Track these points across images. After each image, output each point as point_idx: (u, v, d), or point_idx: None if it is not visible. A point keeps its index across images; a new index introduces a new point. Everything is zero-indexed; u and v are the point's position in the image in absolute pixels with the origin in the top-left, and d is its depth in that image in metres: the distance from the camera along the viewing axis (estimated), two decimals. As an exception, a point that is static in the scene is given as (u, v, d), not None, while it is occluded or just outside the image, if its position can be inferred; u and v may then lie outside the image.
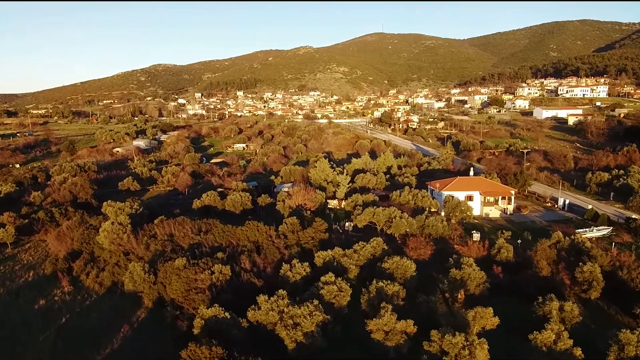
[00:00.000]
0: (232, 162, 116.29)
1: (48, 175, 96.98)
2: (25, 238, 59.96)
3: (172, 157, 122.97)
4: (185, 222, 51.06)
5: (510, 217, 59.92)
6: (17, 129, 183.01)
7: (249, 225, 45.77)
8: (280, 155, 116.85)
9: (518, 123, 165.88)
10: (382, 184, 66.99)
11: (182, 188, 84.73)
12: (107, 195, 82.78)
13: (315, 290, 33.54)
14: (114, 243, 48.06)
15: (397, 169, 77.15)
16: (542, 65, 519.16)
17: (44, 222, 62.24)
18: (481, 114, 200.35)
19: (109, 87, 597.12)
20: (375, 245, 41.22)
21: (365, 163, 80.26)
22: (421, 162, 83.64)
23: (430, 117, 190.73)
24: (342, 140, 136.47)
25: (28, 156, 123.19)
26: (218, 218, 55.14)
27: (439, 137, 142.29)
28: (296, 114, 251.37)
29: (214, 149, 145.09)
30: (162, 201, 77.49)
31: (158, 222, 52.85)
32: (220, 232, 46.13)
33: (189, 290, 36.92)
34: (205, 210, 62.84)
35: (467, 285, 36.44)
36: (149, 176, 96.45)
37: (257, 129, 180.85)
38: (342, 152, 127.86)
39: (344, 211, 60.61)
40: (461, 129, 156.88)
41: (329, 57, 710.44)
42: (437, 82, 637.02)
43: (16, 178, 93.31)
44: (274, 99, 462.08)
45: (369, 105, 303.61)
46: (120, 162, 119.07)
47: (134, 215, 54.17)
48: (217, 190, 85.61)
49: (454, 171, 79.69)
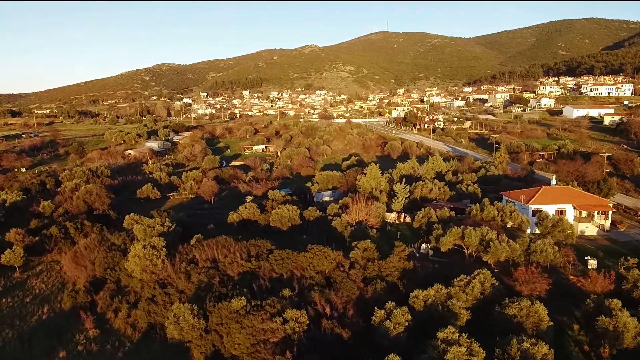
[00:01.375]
0: (254, 165, 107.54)
1: (57, 181, 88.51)
2: (36, 258, 51.43)
3: (189, 160, 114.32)
4: (229, 244, 42.32)
5: (609, 235, 50.99)
6: (22, 129, 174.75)
7: (315, 251, 36.96)
8: (306, 158, 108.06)
9: (552, 123, 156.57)
10: (446, 194, 58.01)
11: (208, 196, 76.08)
12: (124, 205, 74.41)
13: (435, 354, 24.69)
14: (146, 271, 39.38)
15: (451, 175, 68.31)
16: (553, 63, 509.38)
17: (57, 239, 53.74)
18: (506, 113, 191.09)
19: (113, 87, 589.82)
20: (483, 280, 32.37)
21: (414, 168, 71.46)
22: (474, 167, 74.88)
23: (453, 116, 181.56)
24: (369, 142, 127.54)
25: (34, 159, 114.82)
26: (260, 235, 46.62)
27: (472, 138, 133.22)
28: (310, 113, 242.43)
29: (230, 151, 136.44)
30: (188, 212, 68.83)
31: (196, 243, 44.19)
32: (279, 259, 37.34)
33: (256, 345, 28.21)
34: (244, 225, 54.14)
35: (623, 337, 27.57)
36: (168, 182, 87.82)
37: (272, 129, 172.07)
38: (370, 154, 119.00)
39: (407, 227, 51.85)
40: (492, 129, 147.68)
41: (334, 56, 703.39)
42: (445, 81, 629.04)
43: (23, 184, 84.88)
44: (280, 99, 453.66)
45: (381, 104, 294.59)
46: (134, 166, 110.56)
47: (165, 234, 45.46)
48: (247, 198, 77.11)
49: (514, 177, 70.78)
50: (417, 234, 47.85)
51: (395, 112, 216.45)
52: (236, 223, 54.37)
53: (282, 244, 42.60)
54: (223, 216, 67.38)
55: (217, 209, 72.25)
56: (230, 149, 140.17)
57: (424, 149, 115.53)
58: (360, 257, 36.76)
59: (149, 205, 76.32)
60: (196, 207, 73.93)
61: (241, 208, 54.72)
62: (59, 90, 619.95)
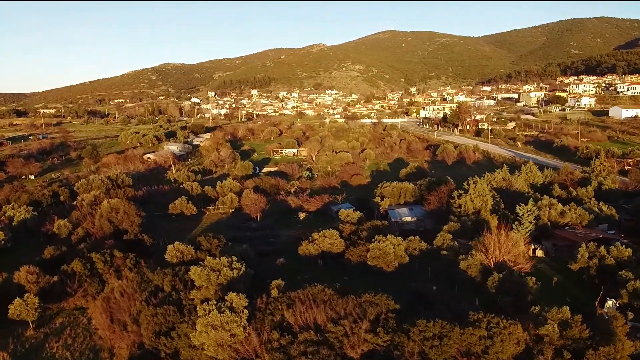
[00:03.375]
0: (291, 172, 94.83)
1: (72, 192, 76.14)
2: (54, 306, 38.96)
3: (217, 165, 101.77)
4: (333, 300, 29.62)
5: None
6: (29, 130, 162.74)
7: (490, 324, 24.09)
8: (351, 164, 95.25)
9: (603, 124, 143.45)
10: (584, 218, 44.70)
11: (253, 212, 63.49)
12: (153, 222, 62.02)
13: None
14: (223, 346, 26.74)
15: (559, 190, 55.34)
16: (570, 62, 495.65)
17: (81, 277, 41.30)
18: (547, 113, 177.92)
19: (119, 86, 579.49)
20: None
21: (507, 180, 58.69)
22: (575, 178, 62.11)
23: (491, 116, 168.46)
24: (415, 145, 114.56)
25: (44, 164, 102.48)
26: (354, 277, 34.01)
27: (527, 140, 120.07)
28: (331, 113, 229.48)
29: (258, 155, 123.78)
30: (234, 233, 56.36)
31: (281, 295, 31.58)
32: (430, 335, 24.52)
33: None
34: (322, 258, 41.46)
35: None
36: (201, 192, 75.29)
37: (297, 130, 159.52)
38: (418, 159, 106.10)
39: (546, 265, 38.94)
40: (543, 130, 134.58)
41: (343, 55, 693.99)
42: (457, 80, 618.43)
43: (32, 196, 72.46)
44: (290, 98, 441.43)
45: (402, 103, 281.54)
46: (156, 172, 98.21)
47: (236, 281, 32.85)
48: (299, 215, 64.57)
49: (633, 192, 57.92)
50: (578, 281, 35.02)
51: (424, 112, 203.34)
52: (312, 256, 41.68)
53: (394, 296, 30.03)
54: (280, 240, 55.18)
55: (268, 229, 59.78)
56: (256, 152, 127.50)
57: (480, 153, 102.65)
58: (555, 334, 23.94)
59: (183, 223, 64.07)
60: (241, 226, 61.41)
61: (317, 237, 41.97)
62: (64, 89, 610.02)
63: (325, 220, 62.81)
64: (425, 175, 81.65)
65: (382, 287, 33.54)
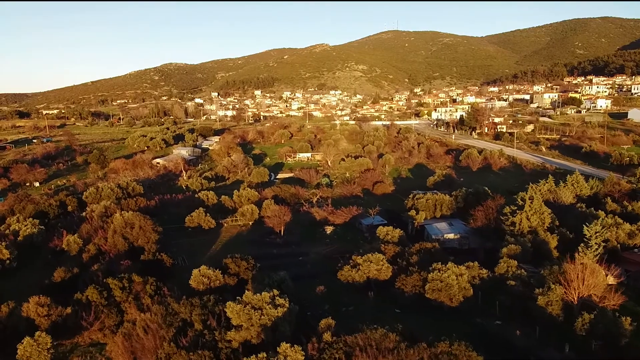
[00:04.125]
0: (308, 179, 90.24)
1: (81, 201, 71.72)
2: (67, 342, 34.52)
3: (230, 171, 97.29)
4: (402, 350, 25.04)
5: None
6: (32, 132, 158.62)
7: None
8: (372, 171, 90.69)
9: (626, 127, 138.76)
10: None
11: (276, 225, 58.93)
12: (168, 237, 57.55)
13: None
14: (277, 411, 22.25)
15: (613, 203, 50.64)
16: (577, 62, 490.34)
17: (98, 305, 36.88)
18: (563, 116, 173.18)
19: (122, 87, 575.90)
20: None
21: (553, 192, 53.88)
22: (623, 189, 57.51)
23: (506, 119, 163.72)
24: (434, 149, 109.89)
25: (49, 170, 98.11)
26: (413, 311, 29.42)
27: (552, 145, 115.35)
28: (339, 115, 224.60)
29: (270, 160, 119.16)
30: (258, 250, 51.91)
31: (336, 340, 27.04)
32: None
33: None
34: (370, 287, 36.90)
35: None
36: (216, 202, 70.72)
37: (308, 133, 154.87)
38: (439, 164, 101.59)
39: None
40: (564, 134, 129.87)
41: (346, 55, 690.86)
42: (462, 81, 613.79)
43: (38, 206, 68.11)
44: (294, 98, 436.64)
45: (410, 104, 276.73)
46: (167, 179, 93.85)
47: (280, 322, 28.28)
48: (326, 228, 60.10)
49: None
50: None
51: (435, 114, 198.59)
52: (356, 282, 37.14)
53: (466, 339, 25.54)
54: (309, 258, 50.77)
55: (294, 245, 55.28)
56: (268, 156, 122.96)
57: (505, 158, 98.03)
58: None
59: (200, 237, 59.58)
60: (264, 241, 56.89)
61: (361, 261, 37.39)
62: (66, 89, 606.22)
63: (354, 235, 58.41)
64: (454, 183, 77.15)
65: (445, 328, 29.03)
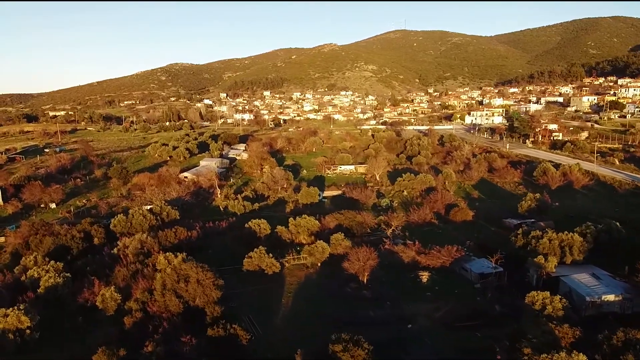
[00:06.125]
0: (364, 199, 78.28)
1: (108, 230, 59.99)
2: None
3: (270, 188, 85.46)
4: None
5: None
6: (42, 138, 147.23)
7: None
8: (439, 191, 78.58)
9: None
10: None
11: (360, 272, 47.04)
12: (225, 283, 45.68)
13: None
14: None
15: None
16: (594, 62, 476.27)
17: None
18: (611, 121, 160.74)
19: (129, 87, 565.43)
20: None
21: None
22: None
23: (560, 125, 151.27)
24: (496, 162, 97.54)
25: (65, 186, 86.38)
26: None
27: (625, 157, 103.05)
28: (364, 119, 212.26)
29: (307, 172, 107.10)
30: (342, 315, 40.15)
31: None
32: None
33: None
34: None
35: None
36: (269, 233, 58.96)
37: (340, 140, 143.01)
38: (506, 179, 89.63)
39: None
40: (627, 143, 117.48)
41: (355, 55, 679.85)
42: (474, 81, 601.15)
43: (58, 239, 56.35)
44: (304, 99, 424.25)
45: (434, 106, 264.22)
46: (200, 198, 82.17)
47: None
48: (421, 275, 48.32)
49: None
50: None
51: (469, 117, 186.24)
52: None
53: None
54: (419, 327, 39.01)
55: (388, 301, 43.23)
56: (304, 168, 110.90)
57: (584, 175, 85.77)
58: None
59: (260, 283, 47.44)
60: (346, 293, 44.94)
61: (527, 352, 25.37)
62: (72, 90, 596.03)
63: (458, 284, 46.46)
64: (548, 209, 65.01)
65: None
